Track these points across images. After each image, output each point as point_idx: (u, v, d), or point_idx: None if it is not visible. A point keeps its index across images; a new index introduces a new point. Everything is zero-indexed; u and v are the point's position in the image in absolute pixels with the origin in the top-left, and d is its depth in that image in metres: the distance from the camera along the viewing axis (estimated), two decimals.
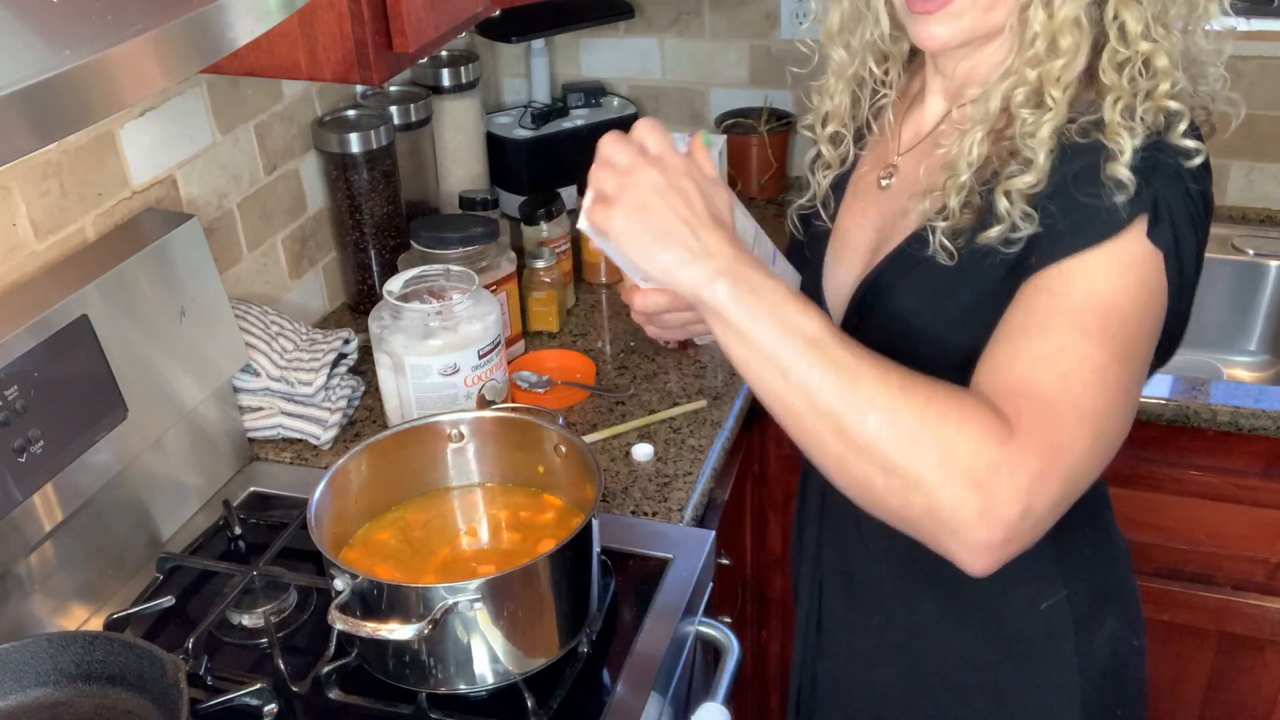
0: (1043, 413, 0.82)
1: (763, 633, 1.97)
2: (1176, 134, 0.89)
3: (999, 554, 0.82)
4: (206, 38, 0.77)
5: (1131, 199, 0.86)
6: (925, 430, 0.81)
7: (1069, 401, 0.83)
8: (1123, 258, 0.87)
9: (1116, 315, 0.86)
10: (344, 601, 1.07)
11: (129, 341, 1.28)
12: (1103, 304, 0.86)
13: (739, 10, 2.15)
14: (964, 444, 0.80)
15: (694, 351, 1.72)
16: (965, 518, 0.80)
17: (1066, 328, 0.85)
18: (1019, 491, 0.80)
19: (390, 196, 1.78)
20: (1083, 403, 0.84)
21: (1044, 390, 0.83)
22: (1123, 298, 0.86)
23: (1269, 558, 1.67)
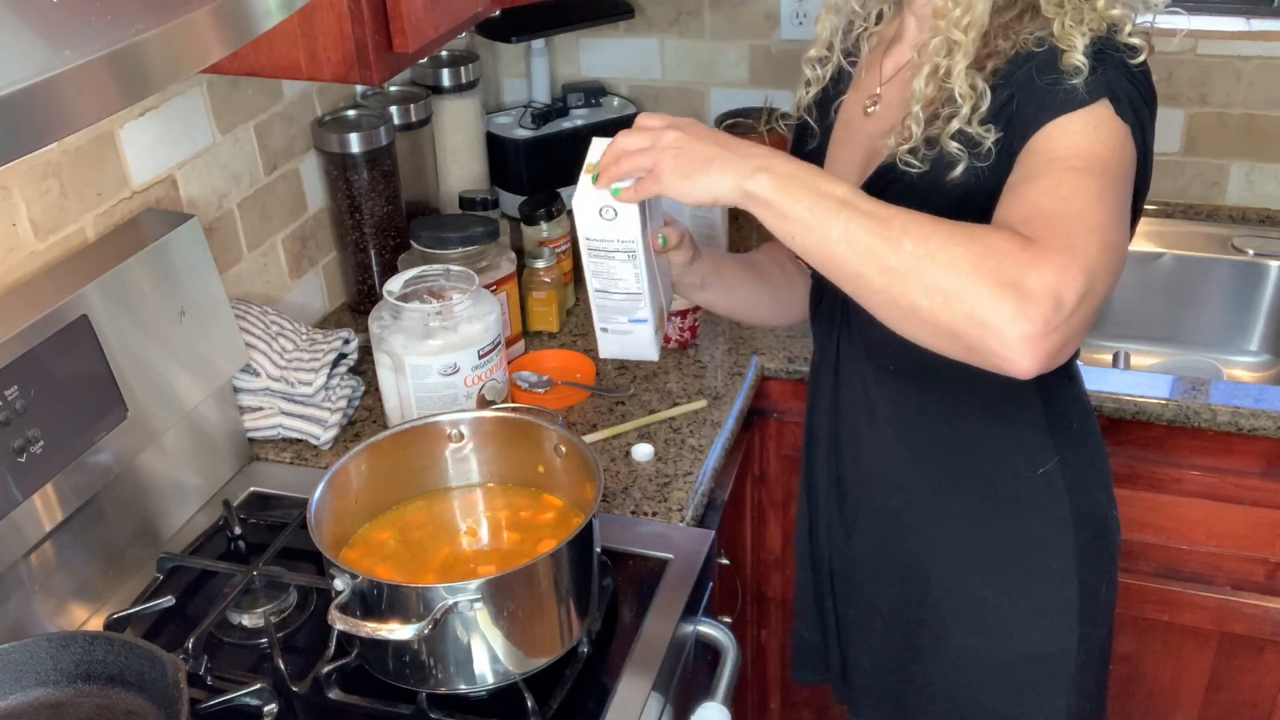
0: (1055, 224, 0.93)
1: (763, 633, 1.97)
2: (1123, 35, 1.01)
3: (1042, 346, 0.90)
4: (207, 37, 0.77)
5: (1089, 81, 0.99)
6: (956, 247, 0.91)
7: (1075, 214, 0.94)
8: (1094, 118, 0.99)
9: (1098, 158, 0.97)
10: (344, 601, 1.07)
11: (129, 341, 1.28)
12: (1084, 150, 0.98)
13: (739, 10, 2.15)
14: (991, 253, 0.90)
15: (694, 351, 1.72)
16: (1004, 314, 0.89)
17: (1059, 169, 0.97)
18: (1048, 285, 0.89)
19: (390, 196, 1.78)
20: (1088, 215, 0.94)
21: (1052, 210, 0.94)
22: (1101, 147, 0.98)
23: (1269, 558, 1.67)
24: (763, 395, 1.73)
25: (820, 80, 1.27)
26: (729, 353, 1.72)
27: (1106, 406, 1.60)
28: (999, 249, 0.90)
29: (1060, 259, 0.90)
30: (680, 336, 1.72)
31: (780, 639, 1.96)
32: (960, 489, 1.22)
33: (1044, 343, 0.89)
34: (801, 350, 1.71)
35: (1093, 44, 1.00)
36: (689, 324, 1.71)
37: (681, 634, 1.25)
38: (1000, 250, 0.90)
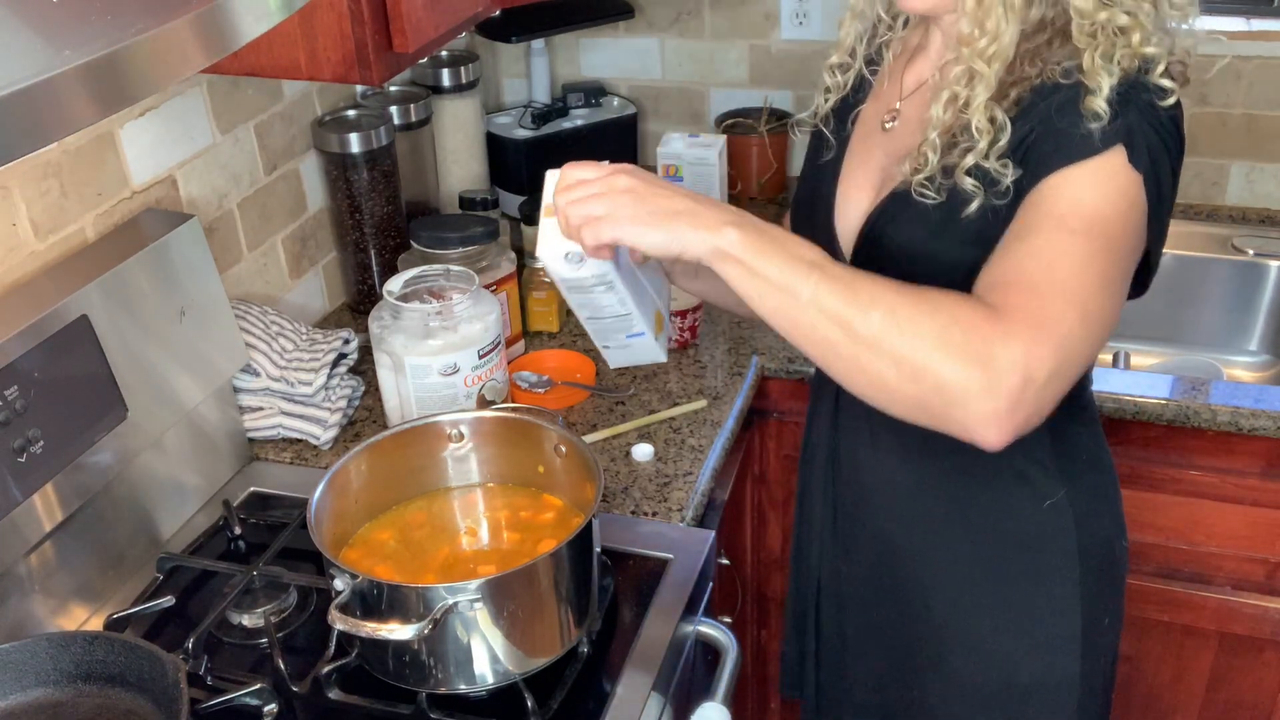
0: (1029, 293, 0.91)
1: (763, 633, 1.96)
2: (1154, 75, 0.98)
3: (1009, 423, 0.89)
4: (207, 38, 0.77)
5: (1106, 128, 0.96)
6: (923, 318, 0.90)
7: (1054, 284, 0.92)
8: (1103, 172, 0.96)
9: (1099, 218, 0.95)
10: (344, 601, 1.07)
11: (129, 341, 1.28)
12: (1085, 208, 0.95)
13: (739, 10, 2.15)
14: (958, 326, 0.89)
15: (694, 351, 1.72)
16: (970, 390, 0.88)
17: (1052, 228, 0.94)
18: (1015, 362, 0.88)
19: (390, 196, 1.78)
20: (1069, 285, 0.92)
21: (1030, 276, 0.93)
22: (1105, 205, 0.95)
23: (1269, 558, 1.67)
24: (763, 395, 1.73)
25: (841, 88, 1.22)
26: (729, 353, 1.72)
27: (1107, 406, 1.60)
28: (967, 321, 0.89)
29: (1030, 334, 0.88)
30: (680, 336, 1.72)
31: (780, 638, 1.96)
32: (963, 520, 1.19)
33: (1011, 419, 0.88)
34: None
35: (1120, 84, 0.97)
36: (689, 324, 1.71)
37: (681, 634, 1.25)
38: (968, 323, 0.89)
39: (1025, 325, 0.89)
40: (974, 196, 1.01)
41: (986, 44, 0.99)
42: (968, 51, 1.01)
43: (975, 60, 1.00)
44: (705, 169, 1.88)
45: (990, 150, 1.00)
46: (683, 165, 1.89)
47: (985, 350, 0.88)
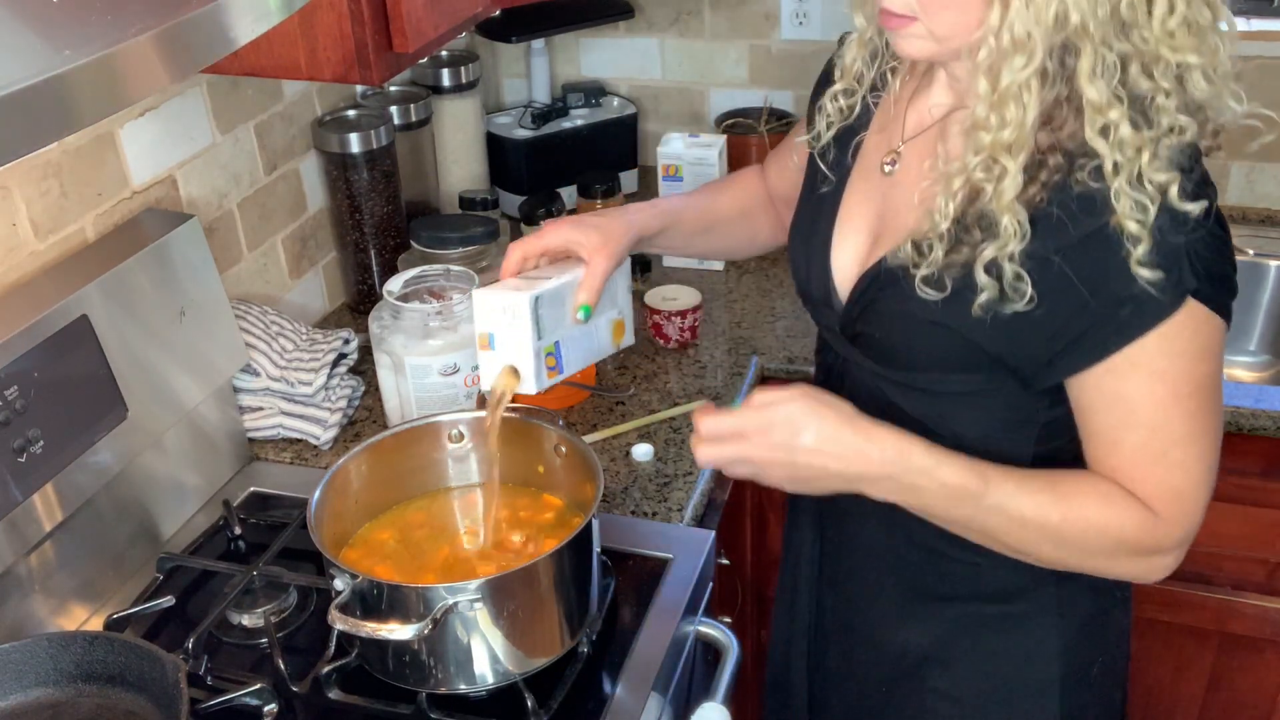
0: (1174, 499, 0.99)
1: (763, 633, 1.96)
2: (1174, 197, 0.91)
3: (1172, 569, 1.05)
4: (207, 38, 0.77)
5: (1166, 287, 0.92)
6: (1090, 541, 1.01)
7: (1186, 477, 0.99)
8: (1178, 330, 0.94)
9: (1187, 378, 0.96)
10: (344, 601, 1.07)
11: (129, 341, 1.28)
12: (1173, 374, 0.95)
13: (739, 10, 2.15)
14: (1125, 546, 1.01)
15: (694, 351, 1.72)
16: (1141, 575, 1.06)
17: (1152, 411, 0.97)
18: (1180, 544, 1.02)
19: (390, 196, 1.78)
20: (1194, 471, 0.99)
21: (1167, 481, 0.99)
22: (1187, 361, 0.95)
23: (1269, 558, 1.67)
24: None
25: (844, 115, 1.16)
26: (729, 353, 1.72)
27: None
28: (1132, 539, 1.00)
29: (1182, 528, 1.00)
30: (680, 336, 1.72)
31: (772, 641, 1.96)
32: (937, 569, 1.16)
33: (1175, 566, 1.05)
34: (802, 350, 1.71)
35: (1157, 227, 0.91)
36: (689, 324, 1.71)
37: (681, 634, 1.25)
38: (1134, 540, 1.00)
39: (1177, 522, 1.00)
40: (986, 289, 0.96)
41: (1010, 134, 0.93)
42: (988, 140, 0.93)
43: (1000, 153, 0.93)
44: (705, 169, 1.88)
45: (1012, 251, 0.95)
46: (683, 165, 1.89)
47: (1151, 548, 1.02)
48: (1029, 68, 0.90)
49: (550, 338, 1.13)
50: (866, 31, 1.11)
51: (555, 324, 1.13)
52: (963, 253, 0.98)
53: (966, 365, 1.03)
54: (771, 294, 1.87)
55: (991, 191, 0.94)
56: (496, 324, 1.12)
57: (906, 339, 1.06)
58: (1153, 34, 0.90)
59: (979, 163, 0.95)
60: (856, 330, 1.12)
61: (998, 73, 0.92)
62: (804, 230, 1.19)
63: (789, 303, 1.84)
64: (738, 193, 1.38)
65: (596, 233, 1.16)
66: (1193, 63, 0.92)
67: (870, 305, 1.09)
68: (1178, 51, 0.91)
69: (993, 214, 0.95)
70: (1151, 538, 1.00)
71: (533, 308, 1.10)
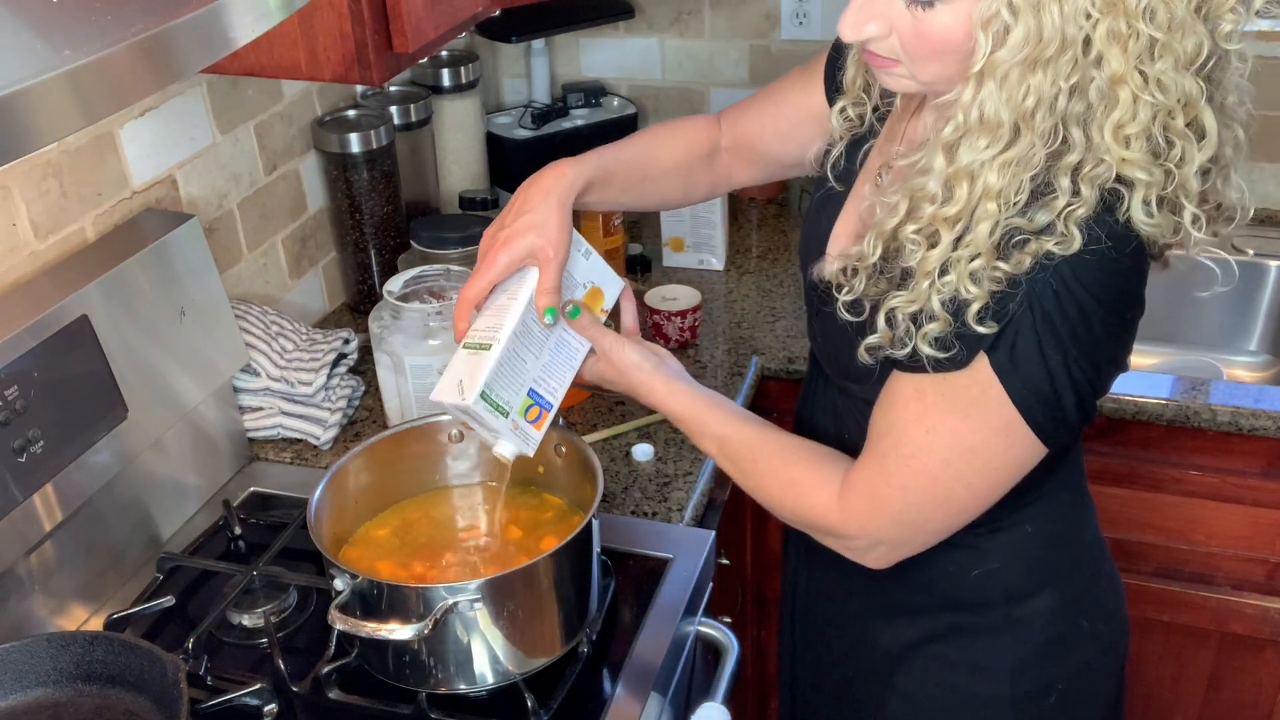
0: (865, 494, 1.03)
1: (763, 633, 1.96)
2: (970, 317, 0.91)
3: (880, 563, 1.08)
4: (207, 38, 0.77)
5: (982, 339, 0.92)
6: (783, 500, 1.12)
7: (886, 484, 1.01)
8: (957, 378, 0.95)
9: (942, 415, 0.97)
10: (344, 601, 1.07)
11: (129, 341, 1.28)
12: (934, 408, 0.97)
13: (739, 10, 2.15)
14: (800, 509, 1.10)
15: (694, 352, 1.72)
16: (838, 549, 1.10)
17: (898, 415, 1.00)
18: (855, 541, 1.07)
19: (390, 196, 1.78)
20: (897, 485, 1.01)
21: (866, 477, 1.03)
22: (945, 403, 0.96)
23: (1269, 558, 1.67)
24: (763, 395, 1.73)
25: (853, 126, 1.15)
26: (729, 353, 1.72)
27: (1107, 406, 1.60)
28: (804, 509, 1.09)
29: (860, 532, 1.05)
30: (680, 336, 1.72)
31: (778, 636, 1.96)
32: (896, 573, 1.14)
33: (880, 561, 1.08)
34: (801, 350, 1.71)
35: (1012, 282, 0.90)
36: (689, 324, 1.71)
37: (681, 634, 1.25)
38: (805, 510, 1.09)
39: (860, 509, 1.04)
40: (879, 334, 0.97)
41: (953, 210, 0.91)
42: (929, 211, 0.93)
43: (940, 225, 0.93)
44: None
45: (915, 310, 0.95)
46: None
47: (828, 529, 1.07)
48: (991, 149, 0.88)
49: (519, 397, 1.09)
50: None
51: (519, 377, 1.10)
52: (880, 285, 0.99)
53: (877, 379, 1.03)
54: (771, 294, 1.87)
55: (919, 255, 0.93)
56: (462, 418, 1.10)
57: (834, 346, 1.09)
58: (1104, 136, 0.87)
59: (914, 228, 0.94)
60: (814, 329, 1.16)
61: (956, 149, 0.90)
62: (810, 225, 1.20)
63: (789, 303, 1.84)
64: (679, 144, 1.32)
65: (533, 235, 1.09)
66: (1138, 180, 0.88)
67: (817, 311, 1.12)
68: (1126, 164, 0.88)
69: (911, 270, 0.94)
70: (825, 518, 1.06)
71: (484, 401, 1.06)
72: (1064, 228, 0.88)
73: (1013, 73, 0.85)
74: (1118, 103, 0.86)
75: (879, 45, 0.95)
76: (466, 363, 1.07)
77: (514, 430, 1.09)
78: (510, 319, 1.08)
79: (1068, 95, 0.86)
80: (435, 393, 1.08)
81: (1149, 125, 0.87)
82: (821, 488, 1.07)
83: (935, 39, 0.90)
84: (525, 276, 1.10)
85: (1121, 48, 0.84)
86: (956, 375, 0.94)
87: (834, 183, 1.15)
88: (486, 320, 1.09)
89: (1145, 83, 0.85)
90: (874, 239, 0.98)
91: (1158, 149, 0.88)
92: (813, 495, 1.07)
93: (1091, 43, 0.84)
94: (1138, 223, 0.90)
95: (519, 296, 1.09)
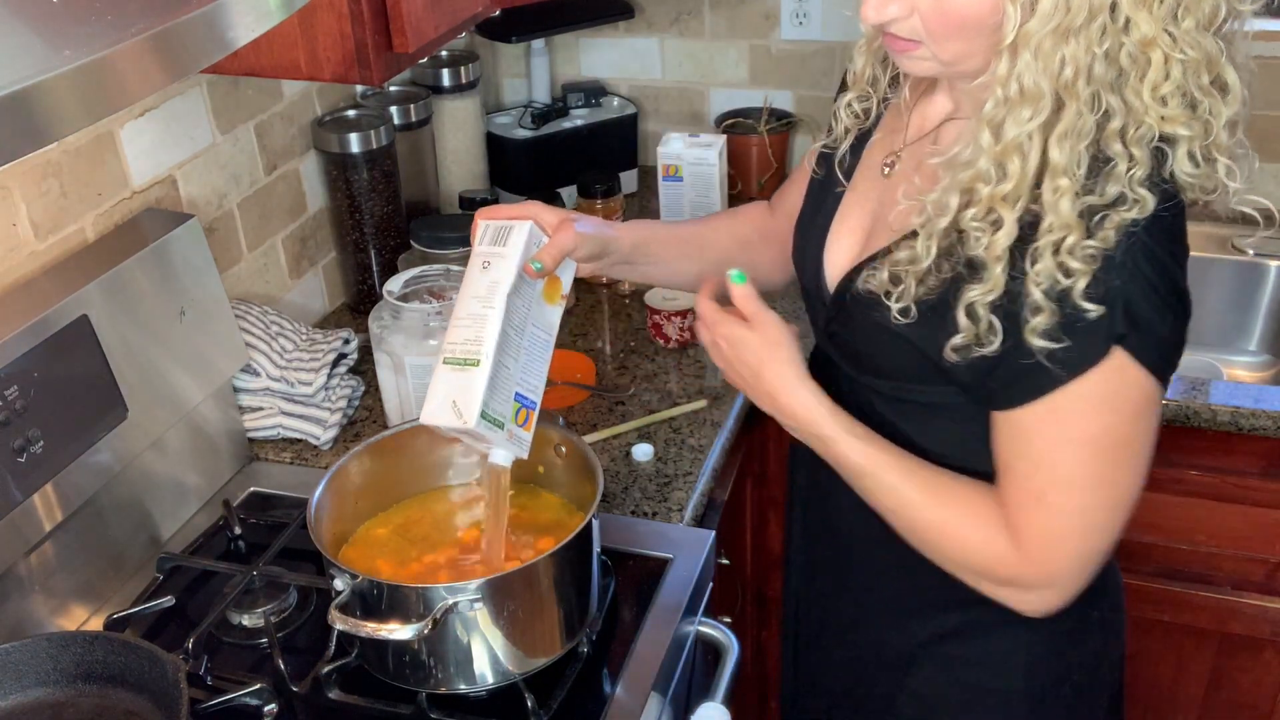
0: (1041, 540, 0.99)
1: (763, 633, 1.96)
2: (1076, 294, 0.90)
3: (1052, 606, 1.04)
4: (207, 38, 0.77)
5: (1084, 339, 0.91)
6: (949, 556, 1.05)
7: (1060, 522, 0.98)
8: (1091, 377, 0.93)
9: (1087, 424, 0.95)
10: (344, 601, 1.07)
11: (129, 341, 1.28)
12: (1074, 417, 0.94)
13: (739, 10, 2.15)
14: (978, 567, 1.04)
15: (694, 351, 1.72)
16: (1007, 602, 1.05)
17: (1041, 447, 0.97)
18: (1041, 590, 1.03)
19: (390, 196, 1.78)
20: (1071, 519, 0.98)
21: (1039, 521, 0.98)
22: (1092, 406, 0.94)
23: (1269, 558, 1.67)
24: None
25: (860, 119, 1.15)
26: None
27: None
28: (983, 566, 1.03)
29: (1048, 577, 1.01)
30: (680, 336, 1.72)
31: (780, 639, 1.96)
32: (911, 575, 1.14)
33: (1051, 608, 1.04)
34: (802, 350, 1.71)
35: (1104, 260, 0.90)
36: (689, 324, 1.71)
37: (681, 634, 1.25)
38: (984, 566, 1.03)
39: (1042, 555, 0.99)
40: (964, 332, 0.96)
41: (1010, 186, 0.91)
42: (986, 191, 0.92)
43: (998, 205, 0.92)
44: (705, 169, 1.88)
45: (993, 299, 0.94)
46: (683, 165, 1.89)
47: (1009, 580, 1.02)
48: (1035, 119, 0.89)
49: (509, 405, 1.09)
50: (875, 40, 1.09)
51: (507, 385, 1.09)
52: (929, 283, 0.98)
53: (923, 379, 1.03)
54: (771, 294, 1.87)
55: (985, 241, 0.93)
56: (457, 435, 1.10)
57: (873, 346, 1.07)
58: (1142, 98, 0.88)
59: (973, 212, 0.94)
60: (833, 329, 1.13)
61: (1001, 124, 0.91)
62: (805, 224, 1.19)
63: (789, 302, 1.84)
64: (737, 222, 1.36)
65: (562, 211, 1.15)
66: (1181, 135, 0.90)
67: (844, 307, 1.10)
68: (1166, 121, 0.89)
69: (980, 259, 0.94)
70: (1006, 569, 1.01)
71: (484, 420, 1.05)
72: (1133, 193, 0.90)
73: (1045, 42, 0.87)
74: (1150, 64, 0.87)
75: (900, 27, 0.95)
76: (454, 381, 1.06)
77: (509, 439, 1.09)
78: (491, 330, 1.06)
79: (1103, 61, 0.88)
80: (426, 415, 1.07)
81: (1182, 82, 0.88)
82: (989, 535, 1.01)
83: (959, 15, 0.91)
84: (495, 283, 1.08)
85: (1148, 10, 0.86)
86: (1091, 373, 0.92)
87: (840, 175, 1.14)
88: (464, 332, 1.08)
89: (1175, 42, 0.87)
90: (927, 240, 0.97)
91: (1194, 102, 0.90)
92: (984, 543, 1.02)
93: (1118, 8, 0.86)
94: (1181, 176, 0.92)
95: (494, 304, 1.07)
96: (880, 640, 1.22)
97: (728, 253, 1.31)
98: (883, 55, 1.11)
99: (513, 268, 1.09)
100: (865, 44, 1.11)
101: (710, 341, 1.12)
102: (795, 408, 1.08)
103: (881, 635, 1.22)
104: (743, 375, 1.11)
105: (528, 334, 1.12)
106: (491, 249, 1.11)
